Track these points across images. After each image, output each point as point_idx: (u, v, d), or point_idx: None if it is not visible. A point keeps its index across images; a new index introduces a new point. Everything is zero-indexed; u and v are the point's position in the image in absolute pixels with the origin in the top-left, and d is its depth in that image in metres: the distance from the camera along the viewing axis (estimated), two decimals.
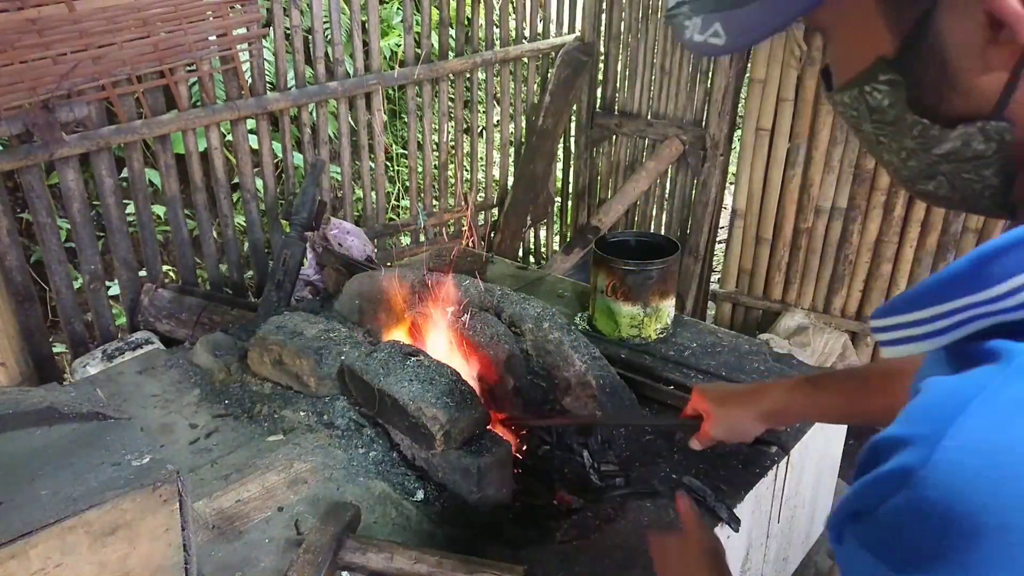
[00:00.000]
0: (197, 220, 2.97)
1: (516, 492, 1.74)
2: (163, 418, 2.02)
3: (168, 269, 3.47)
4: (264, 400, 2.04)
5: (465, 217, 3.92)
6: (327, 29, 3.07)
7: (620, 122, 3.88)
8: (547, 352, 1.99)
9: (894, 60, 0.50)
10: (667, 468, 1.79)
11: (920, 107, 0.51)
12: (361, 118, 3.28)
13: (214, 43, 2.71)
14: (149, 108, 2.66)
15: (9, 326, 2.49)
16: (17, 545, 1.05)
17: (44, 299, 3.30)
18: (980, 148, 0.49)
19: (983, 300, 0.44)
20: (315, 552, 1.43)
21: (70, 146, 2.50)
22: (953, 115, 0.49)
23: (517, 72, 3.83)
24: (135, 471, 1.19)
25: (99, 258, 2.75)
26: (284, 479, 1.74)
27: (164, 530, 1.21)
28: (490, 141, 3.92)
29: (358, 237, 3.10)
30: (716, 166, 3.58)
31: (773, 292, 3.52)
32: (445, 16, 3.48)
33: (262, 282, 3.08)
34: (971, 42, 0.46)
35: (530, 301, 2.10)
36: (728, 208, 4.11)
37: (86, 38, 2.41)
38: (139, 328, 2.79)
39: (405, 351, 1.86)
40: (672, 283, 2.31)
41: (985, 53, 0.46)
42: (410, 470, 1.78)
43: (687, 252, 3.69)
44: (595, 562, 1.52)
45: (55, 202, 2.73)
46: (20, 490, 1.14)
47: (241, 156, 2.98)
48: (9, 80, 2.31)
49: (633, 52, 3.76)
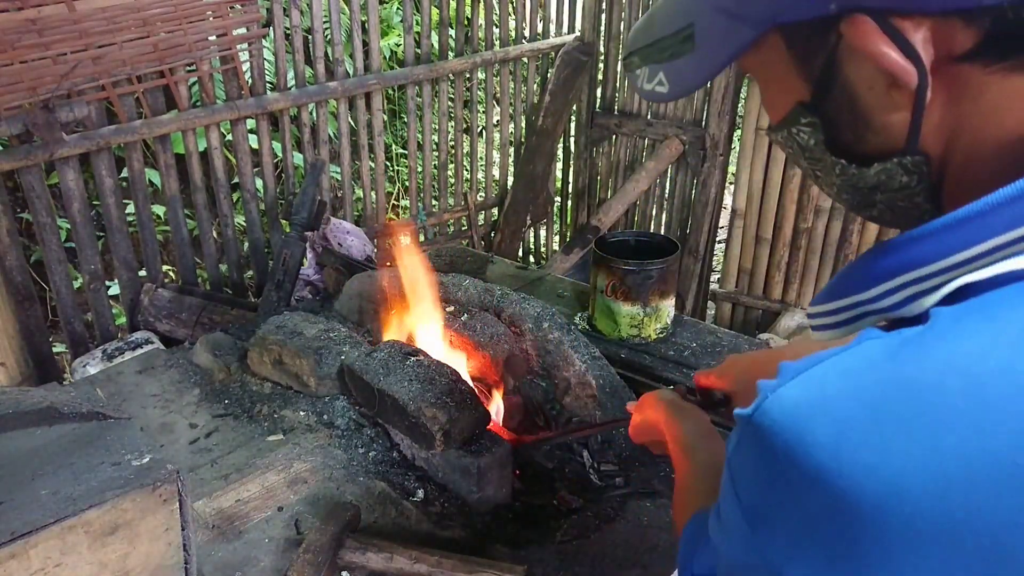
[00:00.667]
0: (197, 220, 2.98)
1: (516, 492, 1.74)
2: (163, 418, 2.02)
3: (168, 269, 3.47)
4: (264, 400, 2.04)
5: (465, 217, 3.92)
6: (327, 29, 3.07)
7: (620, 122, 3.88)
8: (547, 352, 1.99)
9: (810, 104, 0.54)
10: (667, 468, 1.79)
11: (837, 147, 0.55)
12: (361, 118, 3.28)
13: (214, 43, 2.71)
14: (149, 108, 2.66)
15: (9, 326, 2.49)
16: (17, 545, 1.05)
17: (44, 299, 3.30)
18: (904, 180, 0.52)
19: (865, 300, 0.49)
20: (315, 552, 1.43)
21: (70, 146, 2.50)
22: (870, 152, 0.53)
23: (517, 72, 3.83)
24: (135, 471, 1.19)
25: (99, 258, 2.75)
26: (284, 479, 1.74)
27: (164, 530, 1.21)
28: (490, 141, 3.92)
29: (358, 237, 3.10)
30: (716, 166, 3.58)
31: (773, 292, 3.52)
32: (445, 16, 3.48)
33: (262, 282, 3.08)
34: (875, 85, 0.50)
35: (530, 301, 2.10)
36: (728, 208, 4.11)
37: (86, 38, 2.41)
38: (139, 328, 2.79)
39: (405, 351, 1.86)
40: (672, 283, 2.31)
41: (890, 94, 0.49)
42: (410, 470, 1.78)
43: (687, 252, 3.69)
44: (595, 562, 1.52)
45: (55, 202, 2.73)
46: (20, 490, 1.14)
47: (241, 156, 2.98)
48: (9, 80, 2.31)
49: None
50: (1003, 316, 0.40)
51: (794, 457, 0.41)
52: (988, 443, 0.37)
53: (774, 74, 0.56)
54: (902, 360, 0.41)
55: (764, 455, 0.44)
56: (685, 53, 0.58)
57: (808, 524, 0.41)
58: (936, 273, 0.45)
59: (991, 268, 0.43)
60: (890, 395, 0.40)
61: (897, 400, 0.40)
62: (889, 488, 0.38)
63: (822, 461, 0.40)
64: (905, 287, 0.47)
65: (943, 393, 0.39)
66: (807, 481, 0.41)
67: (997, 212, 0.43)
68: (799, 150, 0.58)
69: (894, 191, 0.53)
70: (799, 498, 0.41)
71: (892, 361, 0.41)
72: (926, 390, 0.39)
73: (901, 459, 0.38)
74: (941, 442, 0.38)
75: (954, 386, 0.38)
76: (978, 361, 0.39)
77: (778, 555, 0.43)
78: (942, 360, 0.40)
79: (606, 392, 1.91)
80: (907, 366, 0.41)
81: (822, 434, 0.41)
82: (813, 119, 0.55)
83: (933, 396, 0.39)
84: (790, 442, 0.42)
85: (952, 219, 0.45)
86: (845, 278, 0.51)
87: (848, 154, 0.54)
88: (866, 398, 0.41)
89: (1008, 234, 0.42)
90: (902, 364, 0.41)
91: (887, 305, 0.48)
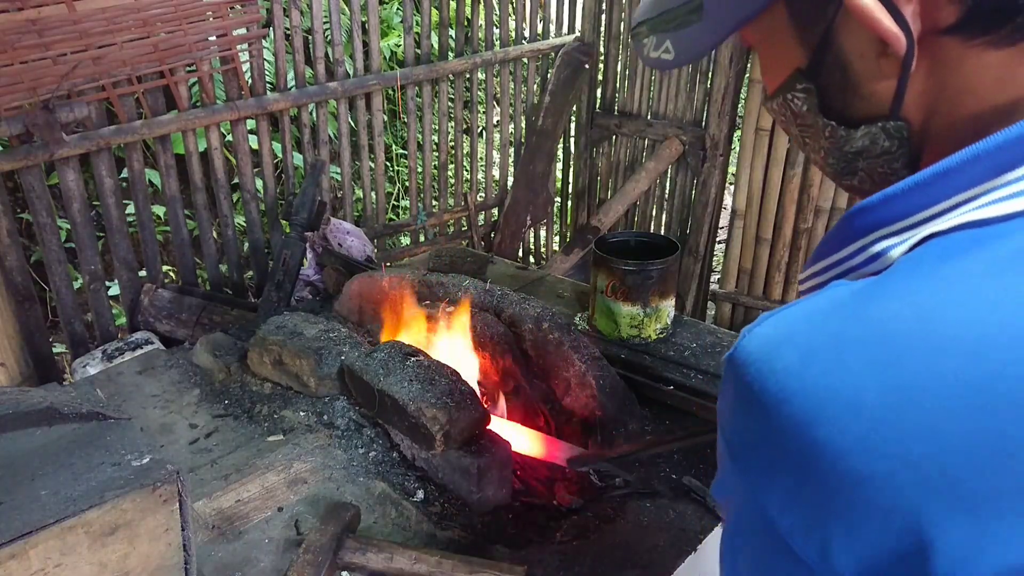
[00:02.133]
0: (197, 220, 2.97)
1: (516, 492, 1.74)
2: (163, 418, 2.02)
3: (168, 269, 3.47)
4: (264, 400, 2.04)
5: (465, 217, 3.92)
6: (327, 29, 3.07)
7: (620, 122, 3.88)
8: (547, 352, 1.99)
9: (806, 71, 0.59)
10: (667, 468, 1.79)
11: (829, 111, 0.59)
12: (361, 118, 3.28)
13: (214, 43, 2.71)
14: (149, 108, 2.66)
15: (9, 326, 2.49)
16: (17, 545, 1.05)
17: (44, 299, 3.30)
18: (886, 145, 0.57)
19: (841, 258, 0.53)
20: (315, 552, 1.43)
21: (70, 146, 2.50)
22: (857, 117, 0.58)
23: (517, 72, 3.83)
24: (135, 471, 1.19)
25: (99, 258, 2.75)
26: (284, 479, 1.74)
27: (164, 530, 1.21)
28: (490, 141, 3.92)
29: (358, 237, 3.10)
30: (716, 166, 3.58)
31: (773, 292, 3.52)
32: (445, 16, 3.48)
33: (262, 282, 3.08)
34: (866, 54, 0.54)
35: (530, 301, 2.10)
36: (728, 208, 4.11)
37: (86, 38, 2.41)
38: (139, 328, 2.79)
39: (405, 351, 1.86)
40: (672, 283, 2.31)
41: (879, 63, 0.54)
42: (410, 470, 1.78)
43: (687, 252, 3.69)
44: (595, 562, 1.52)
45: (55, 202, 2.73)
46: (20, 490, 1.14)
47: (241, 156, 2.98)
48: (9, 80, 2.31)
49: (633, 52, 3.76)
50: (956, 257, 0.44)
51: (763, 383, 0.45)
52: (939, 367, 0.40)
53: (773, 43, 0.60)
54: (864, 296, 0.45)
55: (738, 386, 0.47)
56: (693, 23, 0.62)
57: (776, 449, 0.44)
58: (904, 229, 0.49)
59: (951, 220, 0.46)
60: (850, 326, 0.44)
61: (857, 330, 0.43)
62: (847, 406, 0.41)
63: (787, 384, 0.44)
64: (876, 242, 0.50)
65: (898, 322, 0.42)
66: (774, 404, 0.44)
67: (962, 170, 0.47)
68: (791, 117, 0.62)
69: (876, 156, 0.58)
70: (768, 423, 0.44)
71: (854, 298, 0.45)
72: (884, 321, 0.43)
73: (859, 379, 0.41)
74: (897, 365, 0.41)
75: (909, 316, 0.42)
76: (930, 296, 0.42)
77: (756, 487, 0.46)
78: (898, 296, 0.44)
79: (606, 392, 1.91)
80: (868, 303, 0.44)
81: (789, 361, 0.44)
82: (808, 85, 0.59)
83: (889, 326, 0.42)
84: (761, 370, 0.45)
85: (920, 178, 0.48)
86: (825, 242, 0.55)
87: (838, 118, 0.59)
88: (829, 329, 0.44)
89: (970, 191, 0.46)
90: (864, 300, 0.45)
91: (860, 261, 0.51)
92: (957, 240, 0.45)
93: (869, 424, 0.40)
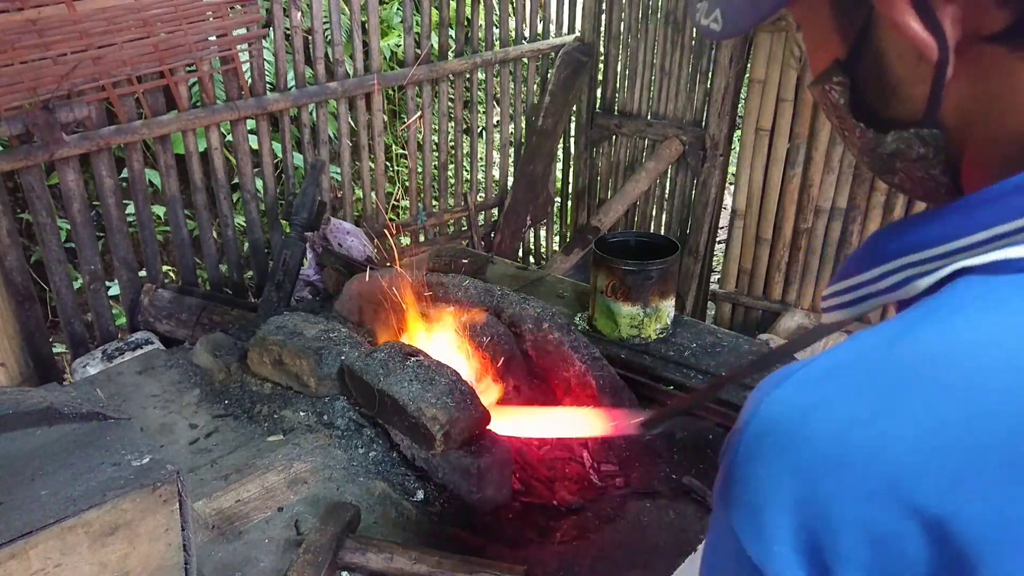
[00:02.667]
0: (197, 220, 2.97)
1: (516, 492, 1.74)
2: (163, 418, 2.02)
3: (168, 269, 3.47)
4: (264, 400, 2.04)
5: (465, 217, 3.92)
6: (327, 29, 3.07)
7: (620, 122, 3.88)
8: (547, 352, 1.99)
9: (844, 63, 0.55)
10: (667, 468, 1.79)
11: (861, 110, 0.56)
12: (361, 118, 3.28)
13: (214, 43, 2.71)
14: (149, 108, 2.66)
15: (9, 326, 2.49)
16: (17, 545, 1.05)
17: (44, 299, 3.30)
18: (922, 151, 0.53)
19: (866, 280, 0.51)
20: (315, 552, 1.43)
21: (70, 146, 2.50)
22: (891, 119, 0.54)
23: (517, 73, 3.83)
24: (135, 471, 1.19)
25: (99, 258, 2.75)
26: (284, 479, 1.74)
27: (164, 530, 1.21)
28: (490, 141, 3.92)
29: (358, 237, 3.10)
30: (716, 166, 3.58)
31: (773, 292, 3.52)
32: (445, 17, 3.48)
33: (262, 282, 3.08)
34: (905, 55, 0.51)
35: (530, 301, 2.10)
36: (728, 208, 4.11)
37: (86, 38, 2.41)
38: (139, 328, 2.79)
39: (405, 351, 1.86)
40: (672, 283, 2.32)
41: (918, 66, 0.50)
42: (410, 470, 1.78)
43: (687, 252, 3.69)
44: (595, 562, 1.52)
45: (55, 202, 2.73)
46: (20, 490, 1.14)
47: (241, 156, 2.98)
48: (9, 80, 2.31)
49: (633, 52, 3.76)
50: (999, 310, 0.41)
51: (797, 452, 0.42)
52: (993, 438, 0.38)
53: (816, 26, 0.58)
54: (898, 350, 0.43)
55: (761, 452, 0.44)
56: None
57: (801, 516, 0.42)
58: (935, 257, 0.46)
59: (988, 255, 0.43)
60: (890, 389, 0.41)
61: (897, 393, 0.41)
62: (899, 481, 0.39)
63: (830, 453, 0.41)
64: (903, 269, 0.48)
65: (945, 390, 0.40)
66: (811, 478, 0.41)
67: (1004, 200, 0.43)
68: (831, 107, 0.59)
69: (912, 161, 0.55)
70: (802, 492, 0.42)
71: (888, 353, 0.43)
72: (927, 381, 0.40)
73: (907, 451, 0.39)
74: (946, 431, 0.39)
75: (958, 385, 0.39)
76: (976, 359, 0.40)
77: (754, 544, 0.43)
78: (941, 353, 0.41)
79: (606, 392, 1.91)
80: (905, 356, 0.42)
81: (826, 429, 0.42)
82: (844, 78, 0.56)
83: (933, 388, 0.40)
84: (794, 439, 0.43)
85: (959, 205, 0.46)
86: (853, 259, 0.53)
87: (869, 118, 0.56)
88: (865, 393, 0.42)
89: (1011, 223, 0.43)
90: (899, 356, 0.42)
91: (885, 287, 0.49)
92: (999, 288, 0.42)
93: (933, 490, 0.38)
